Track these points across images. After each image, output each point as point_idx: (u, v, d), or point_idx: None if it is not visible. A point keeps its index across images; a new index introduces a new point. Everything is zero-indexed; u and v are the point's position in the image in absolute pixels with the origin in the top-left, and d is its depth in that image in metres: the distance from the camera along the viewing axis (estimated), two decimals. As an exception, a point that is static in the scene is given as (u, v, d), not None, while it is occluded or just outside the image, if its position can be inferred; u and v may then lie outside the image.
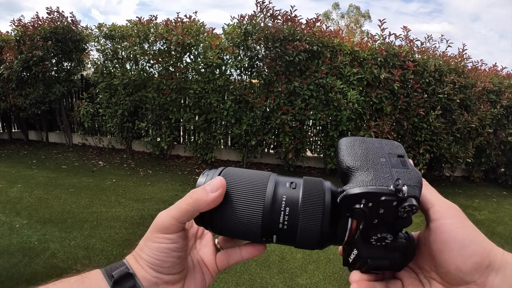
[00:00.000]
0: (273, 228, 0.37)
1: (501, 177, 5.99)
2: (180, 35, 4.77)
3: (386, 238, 0.34)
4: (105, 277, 0.34)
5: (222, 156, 5.90)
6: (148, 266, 0.36)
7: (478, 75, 5.37)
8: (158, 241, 0.36)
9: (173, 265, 0.36)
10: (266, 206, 0.37)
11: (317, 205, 0.37)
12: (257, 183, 0.38)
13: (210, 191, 0.36)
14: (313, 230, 0.36)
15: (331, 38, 4.87)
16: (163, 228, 0.36)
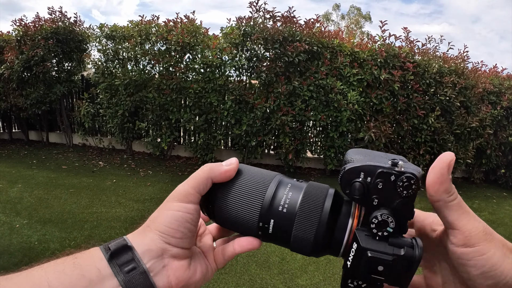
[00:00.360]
0: (269, 224, 0.37)
1: (501, 178, 5.98)
2: (180, 35, 4.78)
3: (388, 223, 0.32)
4: (102, 252, 0.33)
5: (222, 157, 5.90)
6: (158, 235, 0.35)
7: (479, 77, 5.37)
8: (175, 209, 0.36)
9: (184, 236, 0.35)
10: (265, 202, 0.37)
11: (313, 216, 0.36)
12: (263, 179, 0.39)
13: (224, 165, 0.38)
14: (306, 237, 0.36)
15: (331, 39, 4.88)
16: (181, 196, 0.36)
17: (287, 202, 0.37)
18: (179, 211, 0.36)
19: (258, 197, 0.37)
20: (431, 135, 5.13)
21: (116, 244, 0.33)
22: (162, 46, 5.07)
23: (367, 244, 0.33)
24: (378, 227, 0.32)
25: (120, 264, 0.32)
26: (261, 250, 2.98)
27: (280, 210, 0.37)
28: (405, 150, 5.21)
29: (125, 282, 0.31)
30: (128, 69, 5.30)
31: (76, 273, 0.30)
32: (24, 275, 0.30)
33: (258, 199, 0.37)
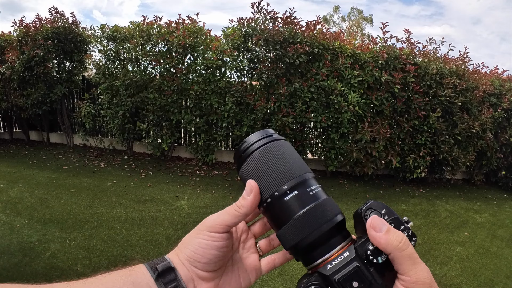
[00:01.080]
0: (271, 204, 0.40)
1: (501, 180, 5.98)
2: (181, 36, 4.79)
3: (381, 254, 0.35)
4: (149, 270, 0.38)
5: (223, 158, 5.90)
6: (187, 260, 0.39)
7: (479, 78, 5.37)
8: (201, 237, 0.39)
9: (210, 262, 0.39)
10: (280, 189, 0.39)
11: (316, 223, 0.38)
12: (292, 170, 0.40)
13: (247, 196, 0.40)
14: (288, 239, 0.38)
15: (332, 40, 4.88)
16: (209, 227, 0.40)
17: (294, 204, 0.39)
18: (204, 240, 0.39)
19: (279, 180, 0.39)
20: (432, 136, 5.13)
21: (163, 266, 0.38)
22: (163, 47, 5.08)
23: (359, 258, 0.35)
24: (373, 253, 0.35)
25: (165, 283, 0.37)
26: (261, 251, 2.97)
27: (286, 201, 0.39)
28: (405, 152, 5.21)
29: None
30: (129, 70, 5.31)
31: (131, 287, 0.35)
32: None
33: (277, 182, 0.39)
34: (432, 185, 5.72)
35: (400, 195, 4.96)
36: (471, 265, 3.13)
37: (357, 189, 5.00)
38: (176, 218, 3.54)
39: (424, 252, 3.31)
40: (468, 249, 3.49)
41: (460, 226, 4.06)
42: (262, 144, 0.41)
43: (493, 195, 5.61)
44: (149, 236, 3.11)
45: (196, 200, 4.07)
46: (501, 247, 3.62)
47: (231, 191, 4.51)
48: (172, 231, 3.26)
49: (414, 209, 4.45)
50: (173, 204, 3.91)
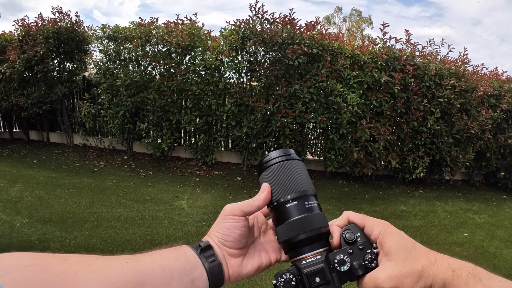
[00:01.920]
0: (276, 206, 0.50)
1: (501, 181, 6.00)
2: (180, 37, 4.80)
3: (345, 263, 0.45)
4: (193, 249, 0.47)
5: (222, 158, 5.91)
6: (218, 241, 0.49)
7: (479, 79, 5.39)
8: (225, 221, 0.49)
9: (234, 240, 0.49)
10: (284, 198, 0.50)
11: (304, 228, 0.47)
12: (297, 184, 0.51)
13: (261, 193, 0.51)
14: (282, 236, 0.49)
15: (332, 41, 4.89)
16: (230, 212, 0.50)
17: (292, 211, 0.49)
18: (228, 222, 0.49)
19: (285, 191, 0.50)
20: (431, 137, 5.14)
21: (204, 243, 0.48)
22: (162, 48, 5.09)
23: (327, 263, 0.45)
24: (338, 262, 0.45)
25: (207, 256, 0.47)
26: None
27: (287, 207, 0.49)
28: (405, 153, 5.22)
29: (209, 269, 0.46)
30: (130, 70, 5.32)
31: (184, 260, 0.45)
32: (150, 259, 0.43)
33: (284, 192, 0.50)
34: (431, 185, 5.73)
35: (399, 196, 4.97)
36: (470, 266, 3.14)
37: (357, 190, 5.01)
38: (175, 217, 3.55)
39: (423, 252, 3.32)
40: (467, 249, 3.50)
41: (459, 226, 4.07)
42: (281, 160, 0.52)
43: (492, 195, 5.62)
44: (149, 235, 3.12)
45: (195, 200, 4.08)
46: (500, 247, 3.63)
47: (231, 191, 4.52)
48: (172, 230, 3.27)
49: (413, 209, 4.46)
50: (173, 204, 3.91)
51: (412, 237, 0.46)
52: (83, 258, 0.37)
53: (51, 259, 0.35)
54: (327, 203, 4.37)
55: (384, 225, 0.46)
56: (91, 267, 0.36)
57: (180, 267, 0.43)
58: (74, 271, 0.35)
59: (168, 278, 0.42)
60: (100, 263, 0.38)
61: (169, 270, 0.42)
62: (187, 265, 0.44)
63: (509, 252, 3.54)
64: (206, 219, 3.56)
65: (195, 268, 0.45)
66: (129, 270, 0.39)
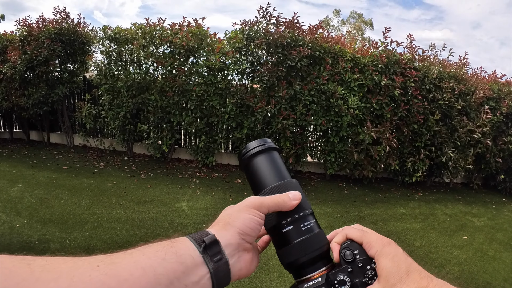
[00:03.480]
0: (274, 235, 0.50)
1: (500, 184, 6.00)
2: (184, 38, 4.82)
3: (345, 283, 0.44)
4: (193, 243, 0.39)
5: (223, 160, 5.92)
6: (237, 233, 0.43)
7: (478, 82, 5.40)
8: (252, 214, 0.44)
9: (256, 236, 0.45)
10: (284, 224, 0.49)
11: (306, 250, 0.47)
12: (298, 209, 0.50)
13: (293, 199, 0.48)
14: (285, 260, 0.48)
15: (333, 44, 4.91)
16: (257, 206, 0.45)
17: (294, 232, 0.48)
18: (255, 216, 0.44)
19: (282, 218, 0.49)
20: (431, 139, 5.15)
21: (209, 239, 0.40)
22: (166, 49, 5.11)
23: (328, 285, 0.45)
24: (338, 283, 0.44)
25: (211, 255, 0.39)
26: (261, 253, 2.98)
27: (284, 232, 0.49)
28: (404, 155, 5.23)
29: (214, 269, 0.39)
30: (131, 71, 5.33)
31: (175, 260, 0.37)
32: (129, 260, 0.35)
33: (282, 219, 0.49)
34: (431, 188, 5.74)
35: (399, 199, 4.98)
36: (469, 269, 3.15)
37: (356, 192, 5.02)
38: (176, 219, 3.55)
39: (422, 255, 3.32)
40: (467, 252, 3.50)
41: (458, 229, 4.07)
42: (262, 151, 0.52)
43: (491, 199, 5.63)
44: (149, 237, 3.12)
45: (196, 202, 4.09)
46: (499, 250, 3.63)
47: (231, 193, 4.53)
48: (172, 232, 3.27)
49: (413, 212, 4.47)
50: (173, 205, 3.92)
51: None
52: (48, 262, 0.32)
53: (16, 263, 0.31)
54: (327, 206, 4.38)
55: (381, 245, 0.45)
56: (55, 272, 0.31)
57: (170, 270, 0.35)
58: (36, 277, 0.30)
59: (151, 284, 0.33)
60: (67, 267, 0.32)
61: (154, 274, 0.34)
62: (180, 267, 0.36)
63: (508, 255, 3.55)
64: (206, 221, 3.56)
65: (193, 270, 0.37)
66: (100, 276, 0.32)
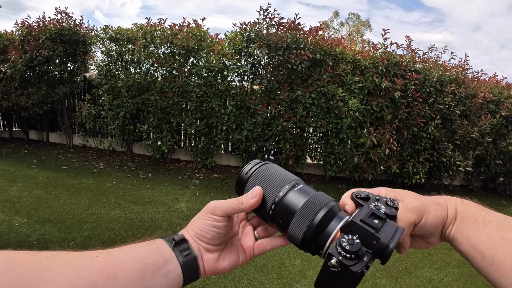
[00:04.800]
0: (274, 221, 0.49)
1: (500, 187, 6.00)
2: (185, 39, 4.82)
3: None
4: (166, 242, 0.47)
5: (222, 161, 5.91)
6: (195, 235, 0.49)
7: (479, 86, 5.41)
8: (205, 219, 0.49)
9: (213, 237, 0.49)
10: (275, 200, 0.48)
11: (304, 222, 0.45)
12: (279, 183, 0.49)
13: (251, 198, 0.49)
14: (297, 235, 0.45)
15: (334, 46, 4.91)
16: (212, 211, 0.49)
17: (292, 201, 0.47)
18: (208, 221, 0.49)
19: (274, 192, 0.49)
20: (431, 143, 5.15)
21: (179, 237, 0.48)
22: (166, 50, 5.11)
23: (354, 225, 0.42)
24: (375, 208, 0.45)
25: (180, 250, 0.47)
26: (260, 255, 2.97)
27: (286, 206, 0.47)
28: (404, 158, 5.23)
29: (183, 262, 0.46)
30: (131, 71, 5.33)
31: (157, 253, 0.45)
32: (121, 252, 0.43)
33: (274, 193, 0.49)
34: (430, 191, 5.73)
35: (399, 201, 4.96)
36: (469, 271, 3.14)
37: (356, 194, 5.00)
38: (175, 220, 3.55)
39: (422, 257, 3.32)
40: (466, 255, 3.49)
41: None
42: (258, 168, 0.52)
43: (491, 201, 5.62)
44: (148, 238, 3.11)
45: (195, 203, 4.08)
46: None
47: (230, 194, 4.52)
48: (171, 233, 3.25)
49: (413, 214, 4.45)
50: (172, 206, 3.91)
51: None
52: (53, 254, 0.38)
53: (23, 255, 0.36)
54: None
55: (384, 188, 0.52)
56: (62, 261, 0.37)
57: (154, 261, 0.43)
58: (45, 265, 0.35)
59: (141, 271, 0.41)
60: (70, 257, 0.38)
61: (142, 263, 0.42)
62: (161, 259, 0.44)
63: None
64: (205, 222, 3.55)
65: (169, 262, 0.45)
66: (100, 263, 0.39)
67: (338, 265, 0.39)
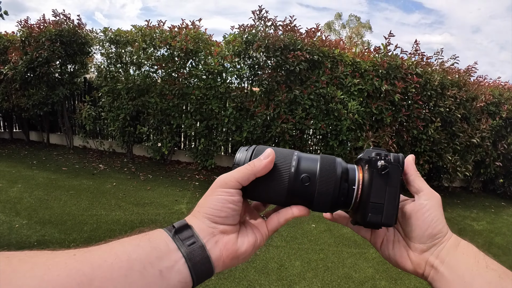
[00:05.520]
0: (296, 192, 0.46)
1: (499, 188, 6.02)
2: (183, 41, 4.84)
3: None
4: (165, 231, 0.40)
5: (222, 163, 5.92)
6: (206, 217, 0.41)
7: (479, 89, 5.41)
8: (218, 194, 0.42)
9: (228, 215, 0.42)
10: (290, 175, 0.45)
11: (331, 175, 0.46)
12: (285, 158, 0.47)
13: (263, 158, 0.44)
14: (327, 191, 0.45)
15: (332, 48, 4.92)
16: (223, 184, 0.43)
17: (309, 167, 0.46)
18: (221, 195, 0.42)
19: (285, 172, 0.46)
20: (431, 145, 5.16)
21: (179, 223, 0.40)
22: (165, 52, 5.13)
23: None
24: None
25: (183, 239, 0.39)
26: (259, 256, 2.98)
27: (304, 175, 0.46)
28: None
29: (187, 254, 0.38)
30: (131, 73, 5.34)
31: (149, 245, 0.37)
32: (105, 248, 0.36)
33: (285, 174, 0.45)
34: (430, 192, 5.73)
35: (398, 202, 4.97)
36: (468, 273, 3.15)
37: (356, 196, 5.01)
38: (175, 221, 3.52)
39: (421, 259, 3.32)
40: (465, 257, 3.50)
41: (457, 233, 3.99)
42: (253, 150, 0.48)
43: (490, 203, 5.63)
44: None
45: (195, 204, 3.99)
46: (498, 254, 3.64)
47: (230, 195, 4.52)
48: (171, 234, 3.26)
49: (412, 216, 4.46)
50: (172, 207, 3.92)
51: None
52: (27, 255, 0.33)
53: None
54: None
55: None
56: (31, 262, 0.32)
57: (143, 255, 0.35)
58: (13, 269, 0.31)
59: (124, 269, 0.33)
60: (43, 258, 0.33)
61: (127, 259, 0.34)
62: (153, 252, 0.36)
63: (507, 259, 3.55)
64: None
65: (166, 255, 0.36)
66: (74, 263, 0.32)
67: (385, 163, 0.45)
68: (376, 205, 0.44)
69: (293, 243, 3.32)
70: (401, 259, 0.47)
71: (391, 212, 0.44)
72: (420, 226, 0.45)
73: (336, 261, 3.05)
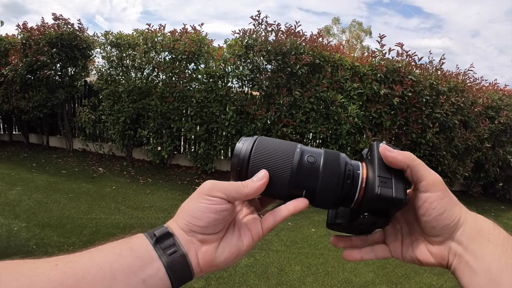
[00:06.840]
0: (299, 180, 0.44)
1: (499, 192, 6.02)
2: (186, 45, 4.86)
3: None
4: (147, 237, 0.39)
5: (222, 167, 5.91)
6: (185, 225, 0.40)
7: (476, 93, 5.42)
8: (200, 201, 0.40)
9: (208, 225, 0.40)
10: (293, 168, 0.44)
11: (335, 170, 0.44)
12: (287, 150, 0.46)
13: (256, 180, 0.43)
14: (331, 187, 0.44)
15: (332, 52, 4.95)
16: (209, 190, 0.40)
17: (313, 164, 0.45)
18: (202, 203, 0.40)
19: (287, 165, 0.44)
20: (430, 150, 5.17)
21: (160, 232, 0.39)
22: (167, 56, 5.15)
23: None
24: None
25: (164, 248, 0.38)
26: (259, 261, 2.97)
27: (307, 167, 0.44)
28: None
29: (168, 263, 0.37)
30: (132, 76, 5.35)
31: (131, 255, 0.36)
32: (86, 258, 0.35)
33: (285, 175, 0.44)
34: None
35: (398, 207, 4.97)
36: (468, 278, 3.14)
37: (355, 200, 5.00)
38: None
39: (421, 264, 3.32)
40: (465, 262, 3.49)
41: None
42: (253, 145, 0.46)
43: (490, 206, 5.64)
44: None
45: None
46: (498, 260, 3.63)
47: (230, 199, 4.51)
48: (171, 238, 3.25)
49: (412, 221, 4.45)
50: (172, 211, 3.90)
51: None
52: (10, 264, 0.33)
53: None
54: (324, 214, 4.36)
55: None
56: (15, 273, 0.32)
57: (126, 265, 0.35)
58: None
59: (108, 280, 0.34)
60: (26, 268, 0.32)
61: (110, 269, 0.34)
62: (136, 261, 0.36)
63: (507, 266, 3.54)
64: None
65: (148, 264, 0.36)
66: (57, 275, 0.32)
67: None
68: (384, 179, 0.41)
69: (293, 247, 3.31)
70: (423, 256, 0.44)
71: (400, 187, 0.41)
72: (430, 222, 0.42)
73: (337, 266, 3.04)
